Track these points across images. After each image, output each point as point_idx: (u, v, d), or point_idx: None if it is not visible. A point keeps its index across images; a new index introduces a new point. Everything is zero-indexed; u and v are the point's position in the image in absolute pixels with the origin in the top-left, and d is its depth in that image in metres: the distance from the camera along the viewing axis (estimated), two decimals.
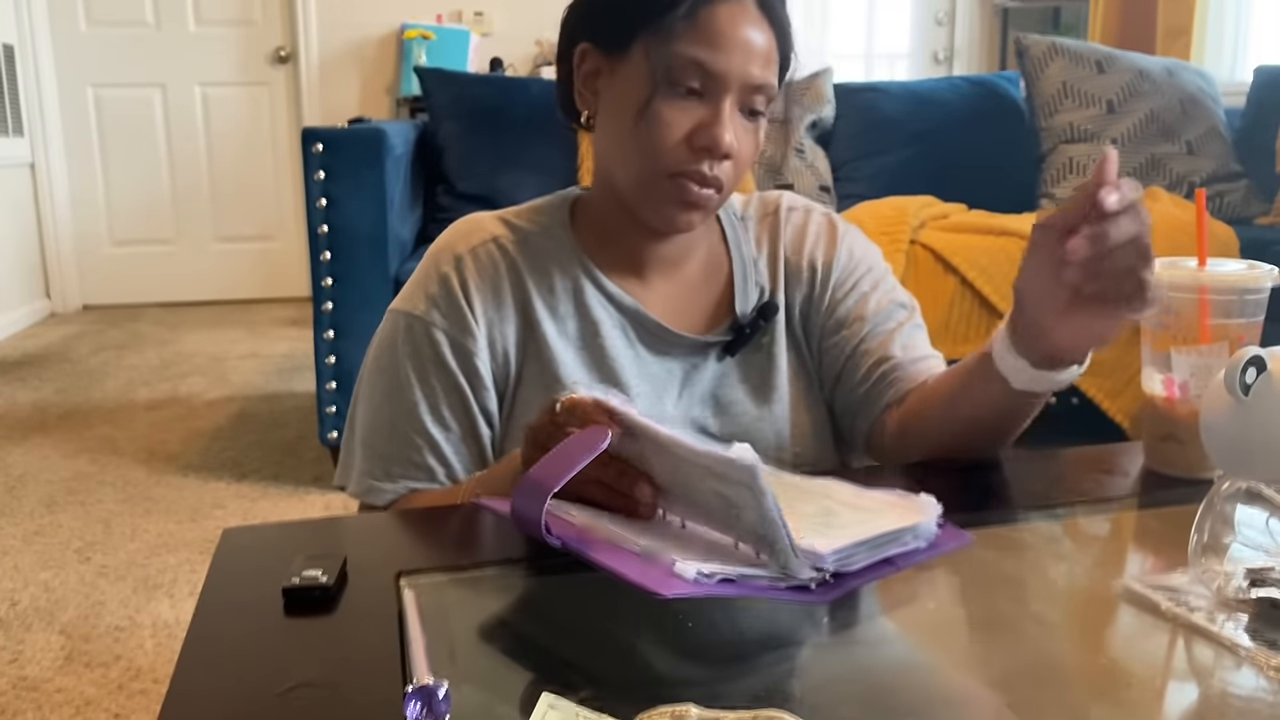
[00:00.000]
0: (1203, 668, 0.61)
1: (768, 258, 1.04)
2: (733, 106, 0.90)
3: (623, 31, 0.91)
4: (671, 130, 0.89)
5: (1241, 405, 0.69)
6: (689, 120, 0.89)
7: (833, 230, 1.05)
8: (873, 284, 1.04)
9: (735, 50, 0.88)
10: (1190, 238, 0.88)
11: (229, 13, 4.85)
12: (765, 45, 0.90)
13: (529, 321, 0.97)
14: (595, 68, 0.94)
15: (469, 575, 0.71)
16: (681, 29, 0.88)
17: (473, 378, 0.95)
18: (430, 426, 0.95)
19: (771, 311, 1.01)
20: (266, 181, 5.01)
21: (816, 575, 0.63)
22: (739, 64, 0.89)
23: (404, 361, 0.96)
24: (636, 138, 0.91)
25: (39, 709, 1.60)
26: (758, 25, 0.90)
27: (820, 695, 0.58)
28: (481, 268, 0.97)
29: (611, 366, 0.96)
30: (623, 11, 0.92)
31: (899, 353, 0.99)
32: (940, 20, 5.39)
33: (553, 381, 0.95)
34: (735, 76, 0.89)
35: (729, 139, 0.89)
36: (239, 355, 3.94)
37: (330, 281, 2.44)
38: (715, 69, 0.88)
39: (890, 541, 0.68)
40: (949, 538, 0.71)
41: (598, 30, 0.94)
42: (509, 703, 0.54)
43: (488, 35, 4.91)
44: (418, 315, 0.97)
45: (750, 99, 0.91)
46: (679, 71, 0.88)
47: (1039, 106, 3.12)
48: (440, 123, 2.99)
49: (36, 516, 2.39)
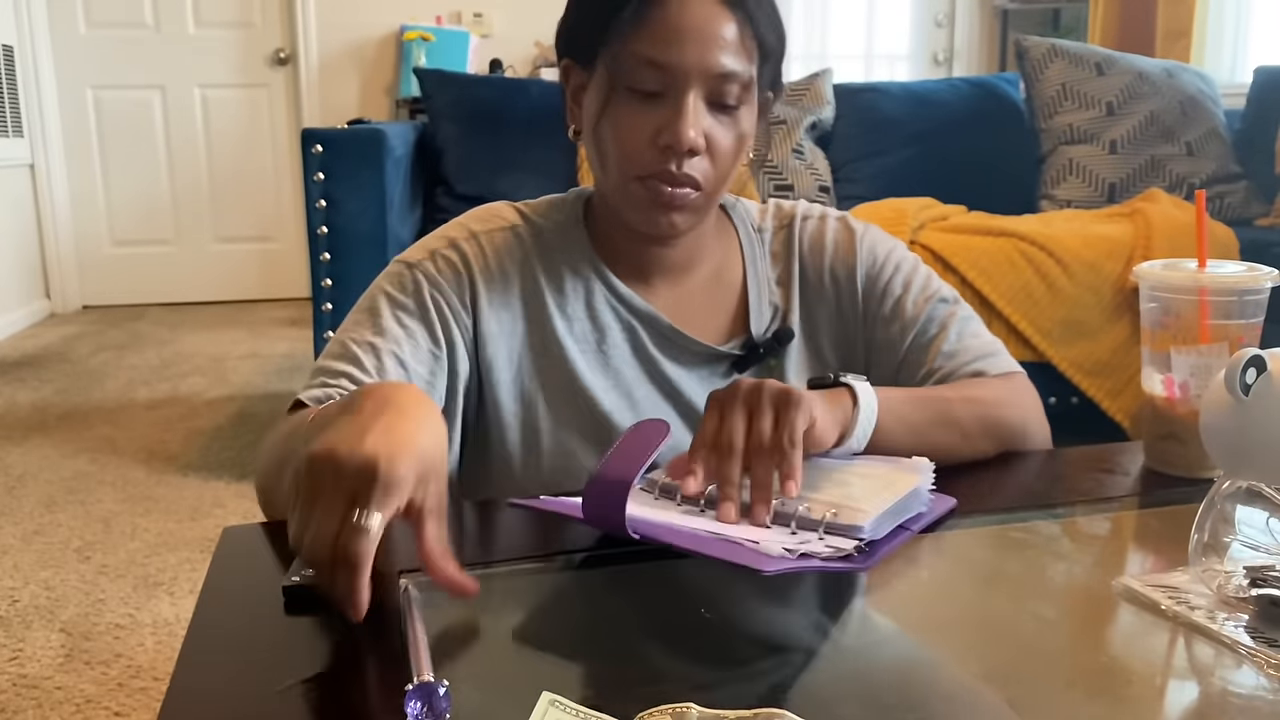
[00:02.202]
0: (1203, 666, 0.61)
1: (783, 272, 1.02)
2: (697, 100, 0.86)
3: (588, 43, 0.90)
4: (634, 133, 0.87)
5: (1241, 405, 0.69)
6: (651, 122, 0.87)
7: (850, 236, 1.03)
8: (904, 284, 1.01)
9: (689, 41, 0.85)
10: (1190, 239, 0.88)
11: (228, 14, 4.85)
12: (728, 31, 0.86)
13: (537, 317, 0.96)
14: (579, 82, 0.93)
15: (469, 574, 0.71)
16: (631, 30, 0.86)
17: (442, 339, 0.92)
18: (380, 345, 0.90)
19: (787, 337, 0.99)
20: (266, 182, 5.01)
21: (859, 543, 0.70)
22: (695, 55, 0.85)
23: (379, 296, 0.94)
24: (604, 144, 0.90)
25: (39, 707, 1.60)
26: (717, 10, 0.86)
27: (820, 694, 0.58)
28: (495, 251, 0.96)
29: (618, 370, 0.96)
30: (584, 24, 0.91)
31: (943, 363, 0.98)
32: (940, 22, 5.40)
33: (567, 380, 0.95)
34: (693, 68, 0.85)
35: (690, 135, 0.85)
36: (239, 355, 3.94)
37: (330, 282, 2.44)
38: (668, 62, 0.85)
39: (905, 507, 0.75)
40: (940, 503, 0.79)
41: (571, 45, 0.93)
42: (509, 702, 0.54)
43: (487, 37, 4.91)
44: (412, 263, 0.95)
45: (719, 90, 0.87)
46: (633, 72, 0.86)
47: (1039, 108, 3.12)
48: (440, 124, 2.99)
49: (37, 516, 2.39)
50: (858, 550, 0.70)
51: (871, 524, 0.71)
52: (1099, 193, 3.01)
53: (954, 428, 0.90)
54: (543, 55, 4.84)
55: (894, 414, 0.86)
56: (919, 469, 0.80)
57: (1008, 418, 0.94)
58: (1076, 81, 3.09)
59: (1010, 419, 0.94)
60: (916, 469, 0.80)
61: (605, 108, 0.89)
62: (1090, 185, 3.02)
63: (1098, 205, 2.98)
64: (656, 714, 0.51)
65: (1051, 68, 3.11)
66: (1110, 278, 2.47)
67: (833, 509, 0.73)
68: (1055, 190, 3.05)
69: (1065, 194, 3.04)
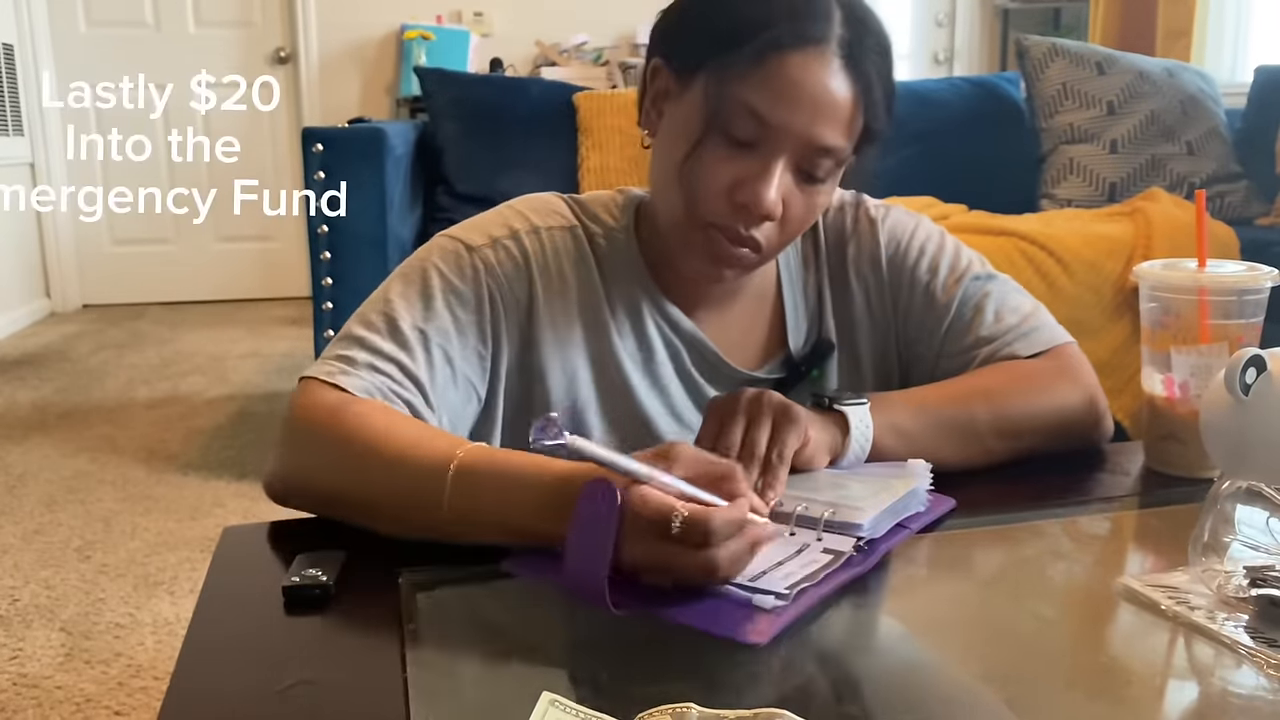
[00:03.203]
0: (1203, 666, 0.61)
1: (814, 276, 0.97)
2: (787, 165, 0.81)
3: (691, 56, 0.83)
4: (714, 180, 0.81)
5: (1241, 405, 0.69)
6: (734, 172, 0.81)
7: (871, 225, 0.97)
8: (930, 268, 0.96)
9: (800, 105, 0.78)
10: (1191, 238, 0.88)
11: (229, 13, 4.85)
12: (842, 103, 0.79)
13: (594, 327, 0.90)
14: (665, 87, 0.85)
15: (470, 574, 0.71)
16: (744, 71, 0.78)
17: (490, 336, 0.86)
18: (432, 336, 0.84)
19: (827, 350, 0.95)
20: (267, 181, 5.00)
21: (858, 541, 0.70)
22: (802, 121, 0.79)
23: (432, 272, 0.87)
24: (679, 179, 0.83)
25: (39, 706, 1.60)
26: (836, 79, 0.79)
27: (820, 694, 0.58)
28: (555, 251, 0.90)
29: (665, 388, 0.91)
30: (693, 35, 0.83)
31: (981, 348, 0.93)
32: (940, 21, 5.39)
33: (623, 395, 0.90)
34: (795, 134, 0.79)
35: (771, 199, 0.80)
36: (239, 354, 3.94)
37: (330, 281, 2.44)
38: (773, 122, 0.79)
39: (903, 506, 0.76)
40: (938, 503, 0.79)
41: (672, 48, 0.85)
42: (509, 702, 0.54)
43: (488, 36, 4.91)
44: (471, 245, 0.87)
45: (812, 161, 0.81)
46: (733, 118, 0.79)
47: (1039, 107, 3.12)
48: (440, 123, 2.98)
49: (37, 515, 2.39)
50: (857, 549, 0.70)
51: (870, 522, 0.72)
52: (1099, 192, 3.01)
53: (963, 434, 0.87)
54: (543, 54, 4.84)
55: (895, 430, 0.85)
56: (916, 472, 0.80)
57: (1033, 410, 0.89)
58: (1077, 81, 3.08)
59: (1035, 410, 0.89)
60: (913, 472, 0.80)
61: (691, 141, 0.82)
62: (1091, 184, 3.02)
63: (1098, 204, 2.98)
64: (656, 714, 0.51)
65: (1052, 67, 3.11)
66: (1111, 277, 2.46)
67: (831, 508, 0.73)
68: (1056, 189, 3.05)
69: (1066, 193, 3.04)
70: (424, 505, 0.71)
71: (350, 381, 0.80)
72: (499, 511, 0.69)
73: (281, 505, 0.80)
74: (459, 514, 0.70)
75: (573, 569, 0.63)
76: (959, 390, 0.90)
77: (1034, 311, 0.96)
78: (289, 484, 0.79)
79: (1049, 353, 0.93)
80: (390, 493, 0.73)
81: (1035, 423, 0.90)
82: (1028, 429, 0.90)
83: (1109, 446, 0.96)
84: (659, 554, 0.62)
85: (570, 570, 0.63)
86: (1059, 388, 0.92)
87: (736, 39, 0.79)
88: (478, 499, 0.70)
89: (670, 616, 0.63)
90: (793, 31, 0.78)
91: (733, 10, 0.81)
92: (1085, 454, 0.95)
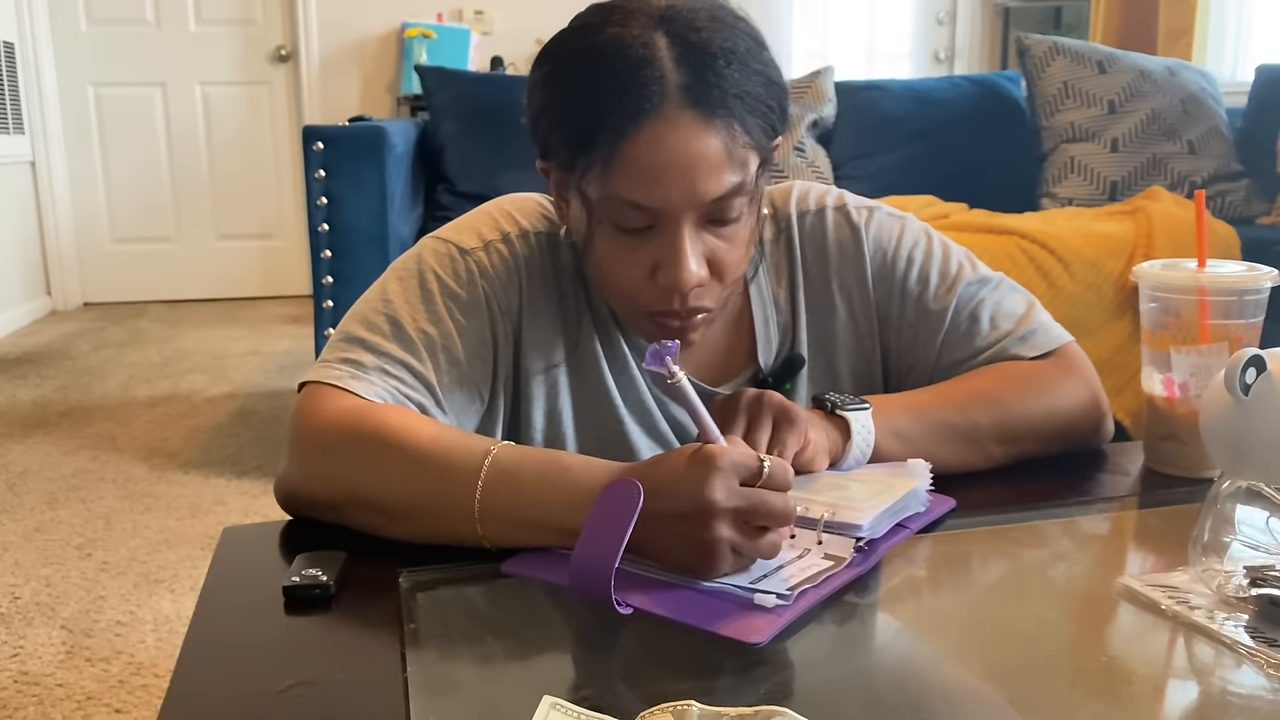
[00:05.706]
0: (1203, 666, 0.61)
1: (787, 286, 0.94)
2: (694, 229, 0.78)
3: (557, 158, 0.81)
4: (629, 273, 0.80)
5: (1241, 405, 0.69)
6: (646, 257, 0.79)
7: (854, 234, 0.94)
8: (920, 278, 0.93)
9: (671, 178, 0.75)
10: (1192, 236, 0.88)
11: (229, 12, 4.85)
12: (713, 152, 0.75)
13: (576, 335, 0.89)
14: (561, 179, 0.83)
15: (470, 574, 0.71)
16: (603, 171, 0.76)
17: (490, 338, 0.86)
18: (436, 339, 0.83)
19: (798, 365, 0.93)
20: (267, 179, 5.01)
21: (858, 541, 0.71)
22: (681, 191, 0.75)
23: (429, 276, 0.85)
24: (598, 271, 0.83)
25: (40, 704, 1.60)
26: (694, 134, 0.75)
27: (820, 693, 0.58)
28: (543, 256, 0.89)
29: (641, 398, 0.91)
30: (549, 140, 0.81)
31: (980, 355, 0.92)
32: (941, 20, 5.39)
33: (602, 403, 0.89)
34: (682, 204, 0.76)
35: (690, 274, 0.77)
36: (240, 353, 3.94)
37: (330, 279, 2.45)
38: (654, 205, 0.76)
39: (903, 506, 0.76)
40: (938, 503, 0.80)
41: (545, 147, 0.83)
42: (509, 703, 0.54)
43: (488, 34, 4.91)
44: (464, 248, 0.87)
45: (716, 211, 0.78)
46: (616, 215, 0.78)
47: (1040, 106, 3.12)
48: (441, 121, 2.99)
49: (37, 513, 2.39)
50: (856, 549, 0.70)
51: (870, 522, 0.72)
52: (1100, 191, 3.01)
53: (964, 439, 0.87)
54: None
55: (895, 434, 0.84)
56: (915, 472, 0.80)
57: (1035, 414, 0.89)
58: (1078, 79, 3.08)
59: (1037, 414, 0.89)
60: (913, 472, 0.81)
61: (591, 236, 0.81)
62: (1091, 183, 3.02)
63: (1099, 203, 2.97)
64: (656, 713, 0.51)
65: (1053, 66, 3.11)
66: (1111, 276, 2.46)
67: (831, 509, 0.73)
68: (1056, 188, 3.05)
69: (1066, 192, 3.04)
70: (452, 503, 0.71)
71: (364, 387, 0.79)
72: (535, 505, 0.70)
73: (295, 515, 0.79)
74: (489, 510, 0.70)
75: (583, 558, 0.64)
76: (960, 394, 0.89)
77: (1029, 312, 0.95)
78: (305, 491, 0.78)
79: (1050, 354, 0.93)
80: (416, 492, 0.73)
81: (1037, 427, 0.90)
82: (1029, 434, 0.89)
83: (1109, 446, 0.96)
84: (745, 495, 0.65)
85: (580, 560, 0.65)
86: (1061, 391, 0.91)
87: (582, 140, 0.76)
88: (516, 493, 0.70)
89: (671, 616, 0.63)
90: (628, 112, 0.74)
91: (570, 111, 0.78)
92: (1085, 454, 0.95)
